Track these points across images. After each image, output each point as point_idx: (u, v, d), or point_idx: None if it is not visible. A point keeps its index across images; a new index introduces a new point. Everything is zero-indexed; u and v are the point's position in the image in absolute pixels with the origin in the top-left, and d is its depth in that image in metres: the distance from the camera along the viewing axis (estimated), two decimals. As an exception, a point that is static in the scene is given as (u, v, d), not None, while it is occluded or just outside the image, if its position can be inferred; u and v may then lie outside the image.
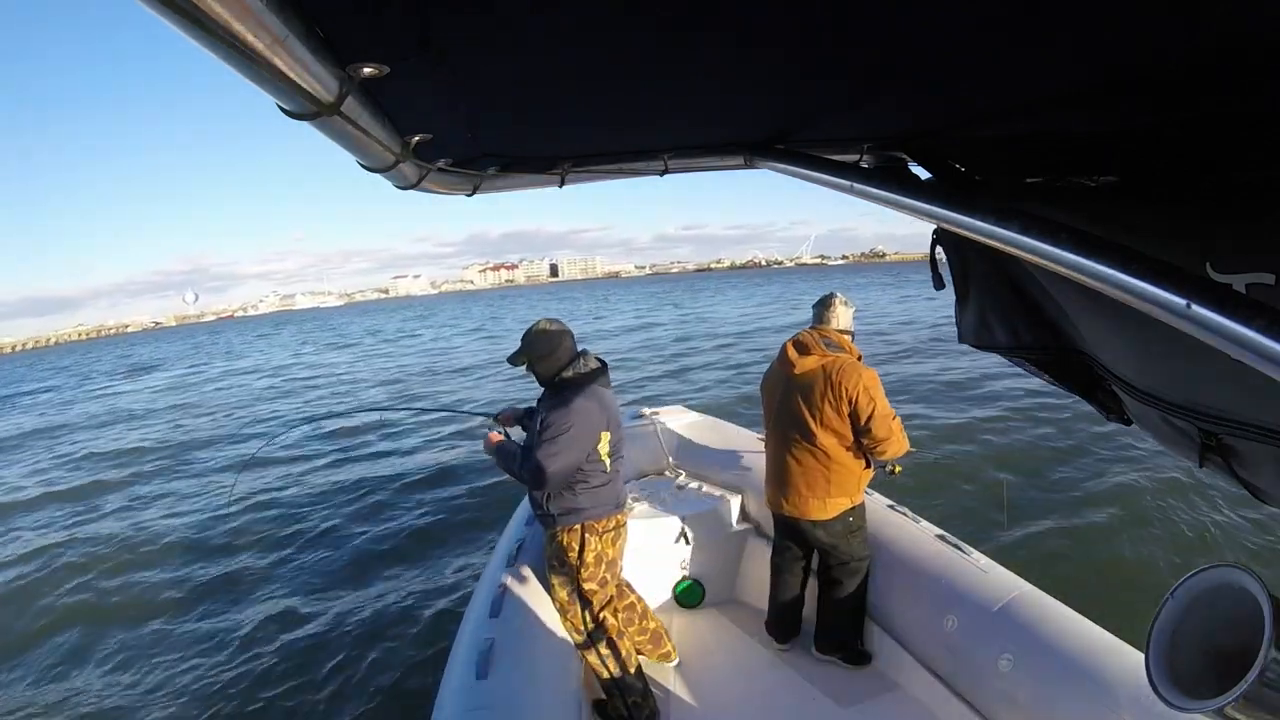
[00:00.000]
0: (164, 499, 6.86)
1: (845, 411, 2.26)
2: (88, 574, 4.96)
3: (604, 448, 2.12)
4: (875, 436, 2.26)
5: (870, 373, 2.30)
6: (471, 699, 1.75)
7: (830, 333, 2.39)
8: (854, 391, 2.24)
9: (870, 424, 2.24)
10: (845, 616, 2.44)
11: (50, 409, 16.48)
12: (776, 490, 2.47)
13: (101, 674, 3.63)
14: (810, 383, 2.31)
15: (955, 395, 8.34)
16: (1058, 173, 0.88)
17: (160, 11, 0.33)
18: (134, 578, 4.84)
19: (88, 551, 5.44)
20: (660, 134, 0.92)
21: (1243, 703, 0.62)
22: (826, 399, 2.27)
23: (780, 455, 2.43)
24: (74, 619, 4.29)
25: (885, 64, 0.59)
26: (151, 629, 4.06)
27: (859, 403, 2.24)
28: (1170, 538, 4.18)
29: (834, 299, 2.45)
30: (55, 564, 5.24)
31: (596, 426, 2.08)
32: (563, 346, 2.12)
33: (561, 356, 2.11)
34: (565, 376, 2.11)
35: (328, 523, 5.58)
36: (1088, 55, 0.51)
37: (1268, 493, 0.71)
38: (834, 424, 2.28)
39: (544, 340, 2.11)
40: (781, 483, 2.43)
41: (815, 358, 2.32)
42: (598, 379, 2.14)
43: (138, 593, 4.61)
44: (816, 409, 2.29)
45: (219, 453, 8.87)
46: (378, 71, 0.50)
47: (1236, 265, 0.56)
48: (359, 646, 3.60)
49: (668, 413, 3.80)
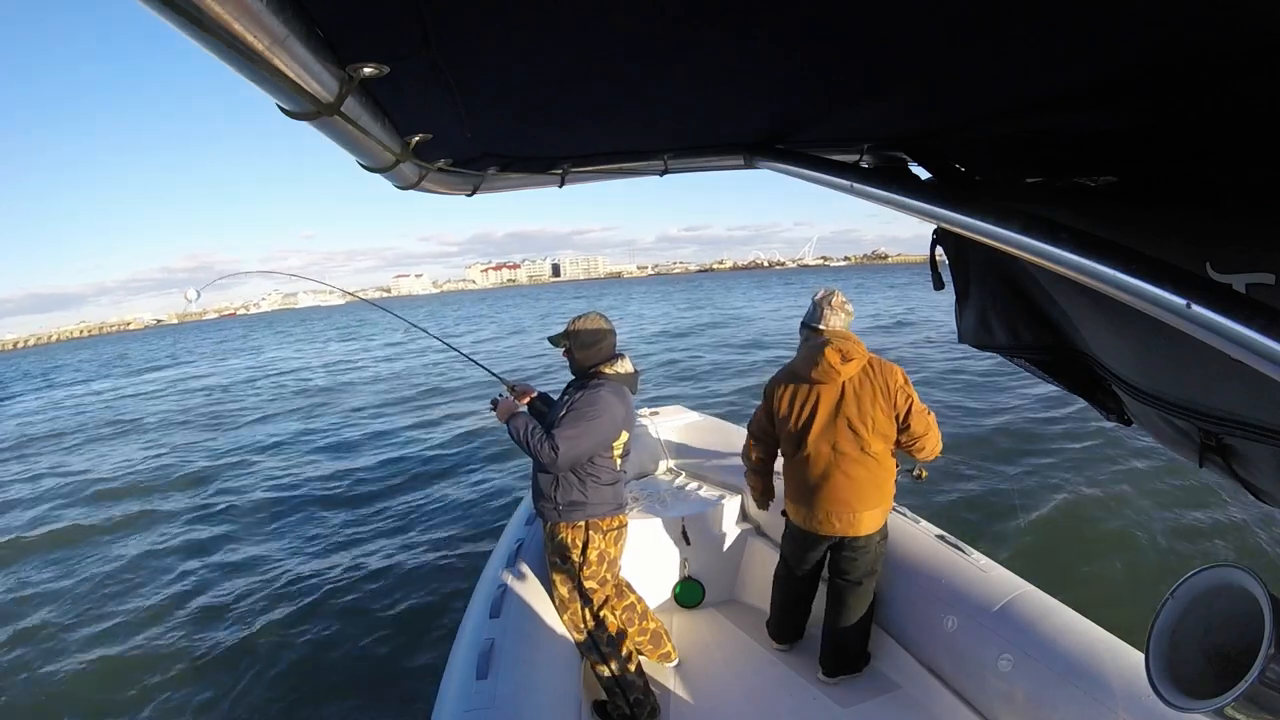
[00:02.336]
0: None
1: (891, 411, 2.19)
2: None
3: (618, 447, 2.20)
4: (914, 433, 2.20)
5: (901, 369, 2.24)
6: (471, 699, 1.75)
7: (849, 334, 2.26)
8: (896, 388, 2.18)
9: (910, 420, 2.18)
10: (856, 636, 2.35)
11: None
12: (820, 510, 2.26)
13: (97, 669, 3.63)
14: (858, 388, 2.20)
15: (955, 395, 8.34)
16: (1058, 173, 0.88)
17: (160, 11, 0.33)
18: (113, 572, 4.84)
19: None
20: (660, 134, 0.92)
21: (1243, 703, 0.62)
22: (877, 402, 2.18)
23: (826, 473, 2.24)
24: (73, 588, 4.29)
25: (885, 64, 0.59)
26: (142, 623, 4.06)
27: (900, 400, 2.18)
28: (1170, 537, 4.18)
29: (838, 296, 2.32)
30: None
31: (619, 424, 2.16)
32: (606, 343, 2.21)
33: (604, 351, 2.20)
34: (601, 370, 2.18)
35: (328, 523, 5.59)
36: (1087, 55, 0.50)
37: (1268, 493, 0.71)
38: (884, 427, 2.19)
39: (592, 332, 2.19)
40: (829, 501, 2.24)
41: (857, 361, 2.18)
42: (627, 382, 2.21)
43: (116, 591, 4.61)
44: (869, 415, 2.18)
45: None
46: (378, 71, 0.50)
47: (1236, 265, 0.56)
48: (358, 646, 3.60)
49: (667, 413, 3.81)
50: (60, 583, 4.85)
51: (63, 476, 8.21)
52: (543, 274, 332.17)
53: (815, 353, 2.20)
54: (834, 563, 2.35)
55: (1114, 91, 0.57)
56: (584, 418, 2.05)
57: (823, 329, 2.27)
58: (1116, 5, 0.40)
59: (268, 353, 27.41)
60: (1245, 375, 0.44)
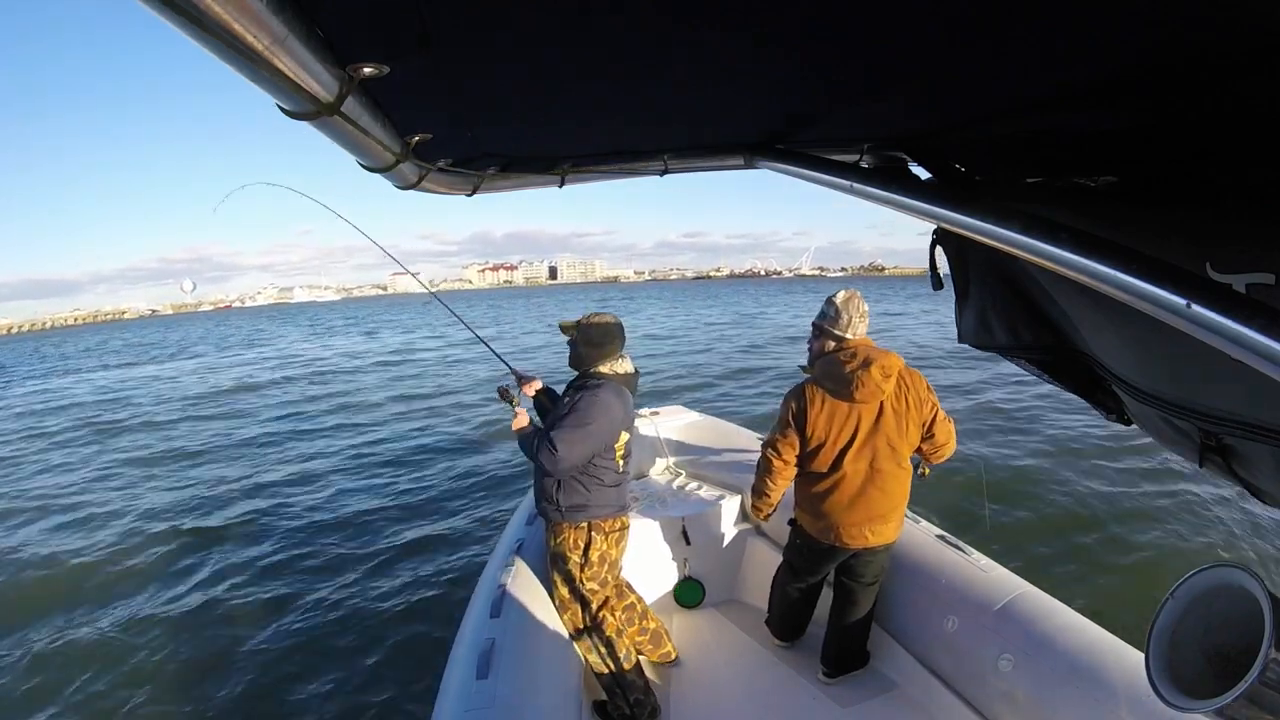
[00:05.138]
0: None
1: (920, 421, 2.14)
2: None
3: (620, 448, 2.18)
4: (937, 441, 2.16)
5: (921, 374, 2.19)
6: (471, 699, 1.75)
7: (873, 344, 2.15)
8: (924, 396, 2.14)
9: (934, 429, 2.14)
10: (860, 634, 2.34)
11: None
12: (853, 525, 2.17)
13: (91, 662, 3.63)
14: (896, 403, 2.12)
15: (956, 394, 8.34)
16: (1058, 173, 0.88)
17: (160, 11, 0.33)
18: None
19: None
20: (660, 134, 0.92)
21: (1243, 702, 0.62)
22: (910, 414, 2.13)
23: (862, 489, 2.14)
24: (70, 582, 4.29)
25: (885, 64, 0.59)
26: (138, 621, 4.06)
27: (926, 409, 2.14)
28: (1170, 537, 4.18)
29: (859, 299, 2.16)
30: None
31: (618, 425, 2.14)
32: (612, 344, 2.19)
33: (608, 351, 2.18)
34: (600, 370, 2.16)
35: (325, 521, 5.58)
36: (1087, 55, 0.50)
37: (1268, 493, 0.71)
38: (914, 437, 2.15)
39: (602, 331, 2.18)
40: (862, 516, 2.16)
41: (895, 376, 2.09)
42: (626, 382, 2.20)
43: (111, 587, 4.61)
44: (904, 428, 2.12)
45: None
46: (378, 71, 0.50)
47: (1236, 265, 0.56)
48: (358, 646, 3.60)
49: (668, 412, 3.81)
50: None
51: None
52: (540, 276, 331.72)
53: (858, 371, 2.05)
54: (847, 567, 2.29)
55: (1114, 91, 0.57)
56: (582, 422, 2.04)
57: (849, 338, 2.12)
58: (1116, 5, 0.40)
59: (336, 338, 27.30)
60: (1245, 375, 0.44)
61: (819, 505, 2.21)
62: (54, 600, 4.46)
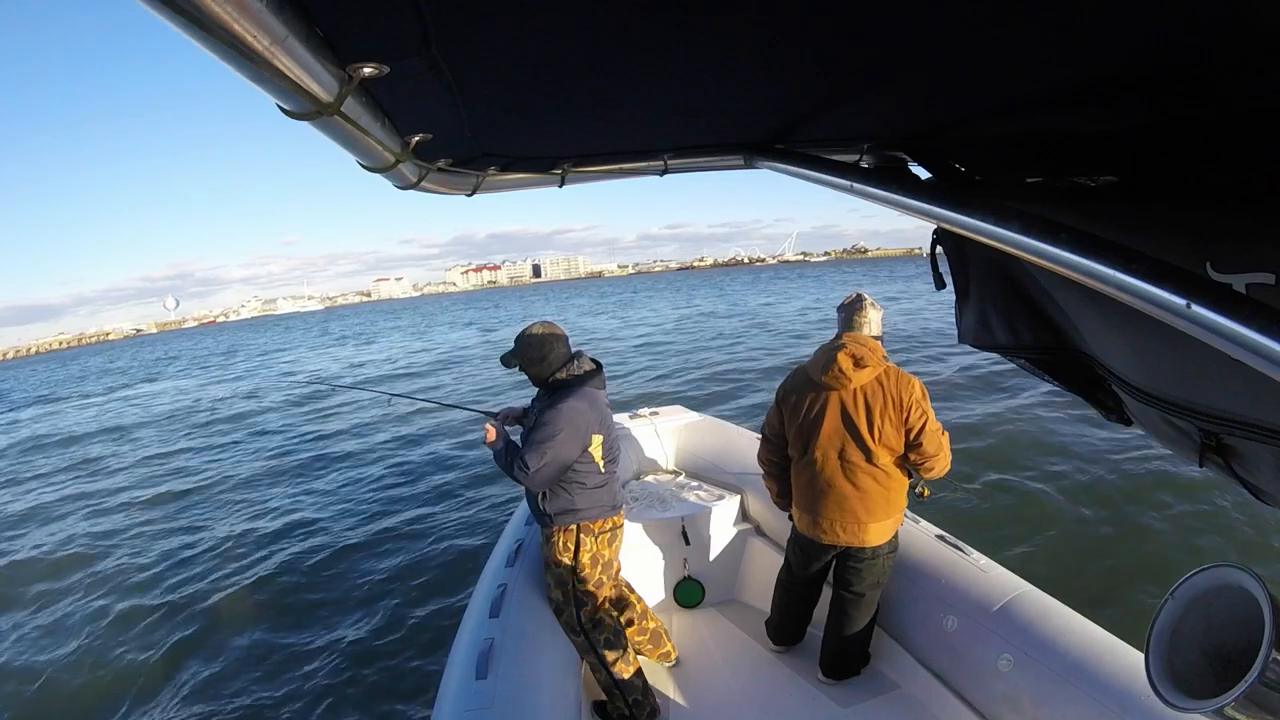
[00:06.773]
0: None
1: (902, 426, 2.13)
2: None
3: (596, 450, 2.14)
4: (925, 452, 2.14)
5: (920, 382, 2.18)
6: (471, 699, 1.75)
7: (867, 340, 2.21)
8: (910, 403, 2.12)
9: (921, 438, 2.12)
10: (858, 642, 2.33)
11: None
12: (825, 518, 2.23)
13: (84, 659, 3.63)
14: (869, 398, 2.14)
15: (956, 394, 8.34)
16: (1058, 173, 0.88)
17: (160, 11, 0.33)
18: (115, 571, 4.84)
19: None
20: (660, 134, 0.92)
21: (1243, 702, 0.62)
22: (887, 415, 2.13)
23: (831, 480, 2.21)
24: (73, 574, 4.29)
25: (885, 63, 0.59)
26: (136, 623, 4.06)
27: (912, 416, 2.12)
28: (1170, 537, 4.18)
29: (865, 302, 2.26)
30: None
31: (588, 428, 2.10)
32: (555, 352, 2.14)
33: (553, 361, 2.14)
34: (559, 378, 2.13)
35: (325, 520, 5.58)
36: (1088, 54, 0.50)
37: (1268, 493, 0.71)
38: (891, 441, 2.14)
39: (535, 344, 2.13)
40: (834, 510, 2.21)
41: (871, 369, 2.14)
42: (590, 380, 2.16)
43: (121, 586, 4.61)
44: (876, 426, 2.13)
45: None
46: (378, 71, 0.50)
47: (1236, 265, 0.56)
48: (359, 646, 3.61)
49: (668, 413, 3.81)
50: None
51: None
52: (524, 275, 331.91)
53: (828, 356, 2.18)
54: (839, 573, 2.31)
55: (1114, 91, 0.57)
56: (548, 435, 2.01)
57: (846, 334, 2.22)
58: (1116, 5, 0.40)
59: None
60: (1245, 375, 0.44)
61: (800, 494, 2.34)
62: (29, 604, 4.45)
